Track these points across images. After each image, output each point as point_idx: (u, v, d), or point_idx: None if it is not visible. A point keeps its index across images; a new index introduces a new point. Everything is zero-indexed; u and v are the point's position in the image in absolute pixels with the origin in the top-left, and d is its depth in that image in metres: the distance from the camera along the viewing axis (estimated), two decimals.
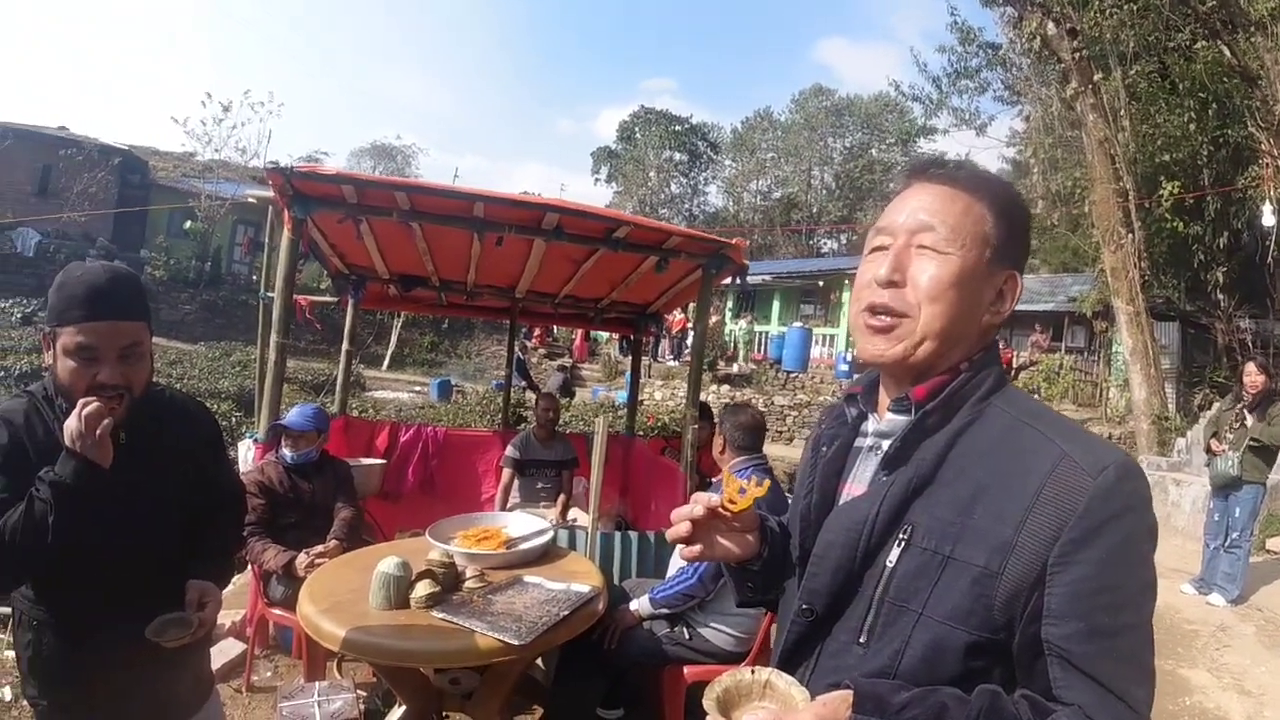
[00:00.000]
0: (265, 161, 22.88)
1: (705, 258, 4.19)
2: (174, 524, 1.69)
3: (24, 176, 19.92)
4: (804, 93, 39.27)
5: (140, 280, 1.64)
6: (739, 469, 3.12)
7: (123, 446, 1.55)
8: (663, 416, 11.49)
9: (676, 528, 1.12)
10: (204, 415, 1.87)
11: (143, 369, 1.58)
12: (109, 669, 1.61)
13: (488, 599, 2.57)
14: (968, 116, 17.77)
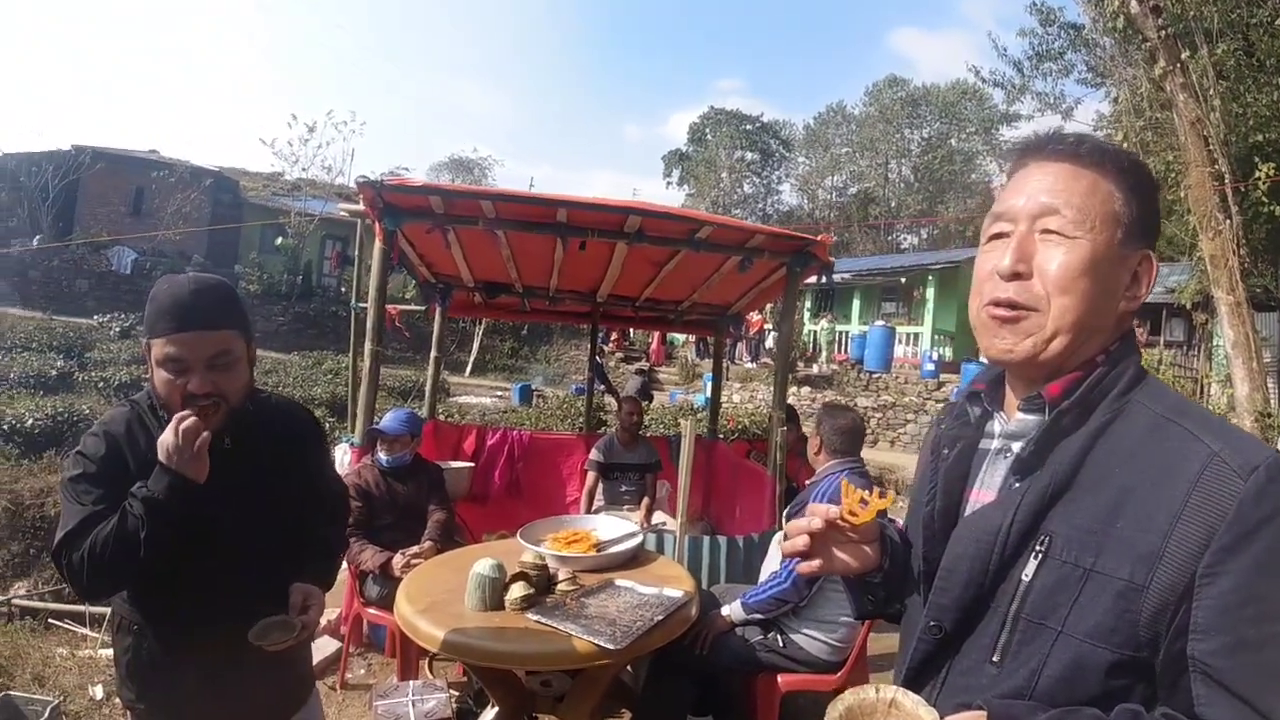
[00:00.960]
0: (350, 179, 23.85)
1: (789, 256, 4.13)
2: (277, 527, 1.68)
3: (118, 198, 21.17)
4: (878, 84, 38.52)
5: (232, 290, 1.64)
6: (834, 472, 3.06)
7: (226, 450, 1.58)
8: (743, 419, 11.36)
9: (793, 541, 1.06)
10: (307, 419, 1.89)
11: (235, 377, 1.57)
12: (208, 672, 1.61)
13: (581, 602, 2.57)
14: (1052, 100, 17.00)
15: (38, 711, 3.94)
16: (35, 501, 9.02)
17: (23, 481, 9.23)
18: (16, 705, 4.04)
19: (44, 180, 19.09)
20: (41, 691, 4.99)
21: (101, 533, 1.47)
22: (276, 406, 1.82)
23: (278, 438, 1.73)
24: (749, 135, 41.52)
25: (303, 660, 1.89)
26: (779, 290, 4.92)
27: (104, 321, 15.44)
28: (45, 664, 5.87)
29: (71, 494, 1.56)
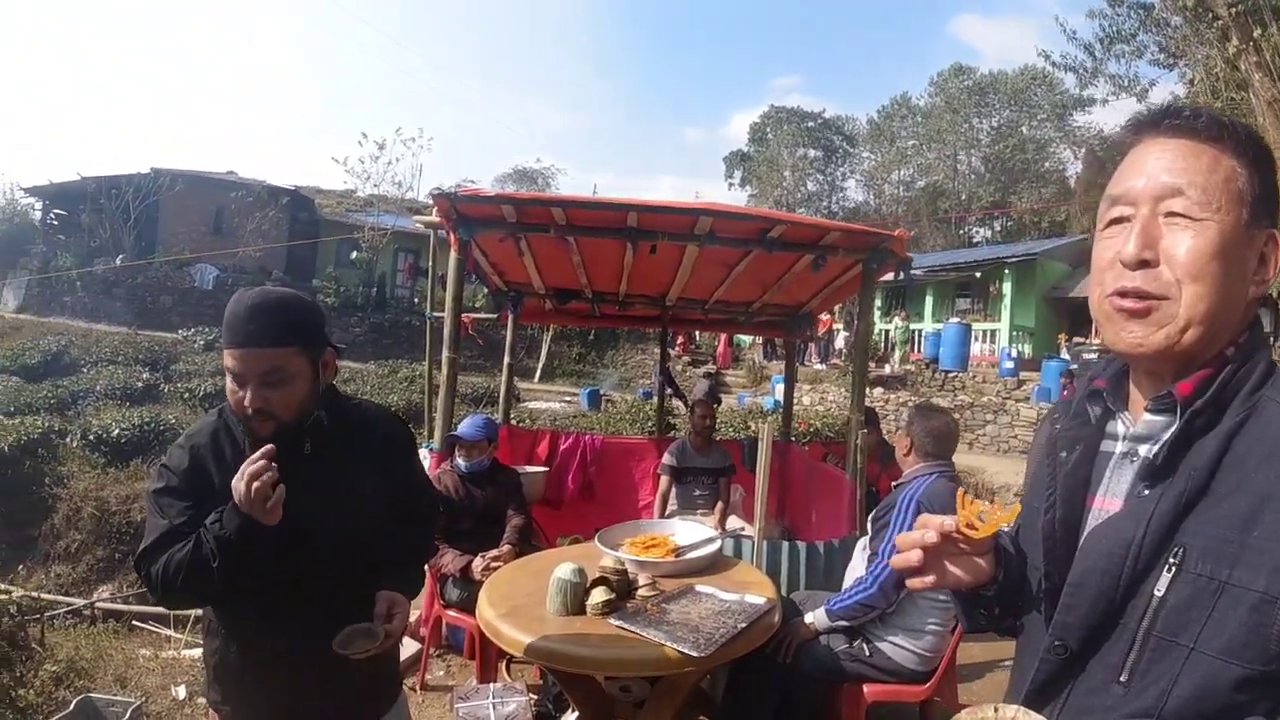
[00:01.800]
0: (419, 193, 24.54)
1: (864, 253, 4.04)
2: (362, 532, 1.69)
3: (199, 218, 22.03)
4: (942, 74, 37.37)
5: (295, 307, 1.62)
6: (922, 475, 2.96)
7: (307, 456, 1.61)
8: (814, 422, 11.17)
9: (905, 556, 1.00)
10: (394, 426, 1.87)
11: (288, 393, 1.57)
12: (294, 675, 1.62)
13: (662, 608, 2.54)
14: (1126, 83, 16.30)
15: (118, 713, 4.07)
16: (121, 508, 9.47)
17: (109, 489, 9.71)
18: (96, 707, 4.18)
19: (125, 202, 20.06)
20: (124, 693, 5.18)
21: (176, 555, 1.52)
22: (363, 413, 1.82)
23: (362, 444, 1.73)
24: (811, 132, 40.94)
25: (390, 660, 1.90)
26: (853, 288, 4.82)
27: (188, 335, 16.18)
28: (128, 665, 6.11)
29: (154, 507, 1.61)
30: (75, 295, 18.60)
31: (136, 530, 9.18)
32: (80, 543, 9.25)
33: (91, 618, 7.72)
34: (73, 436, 10.58)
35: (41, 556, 9.24)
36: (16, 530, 9.43)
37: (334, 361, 1.69)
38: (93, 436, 10.40)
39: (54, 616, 7.21)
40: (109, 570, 9.09)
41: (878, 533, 2.96)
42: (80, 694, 4.56)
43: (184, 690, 5.66)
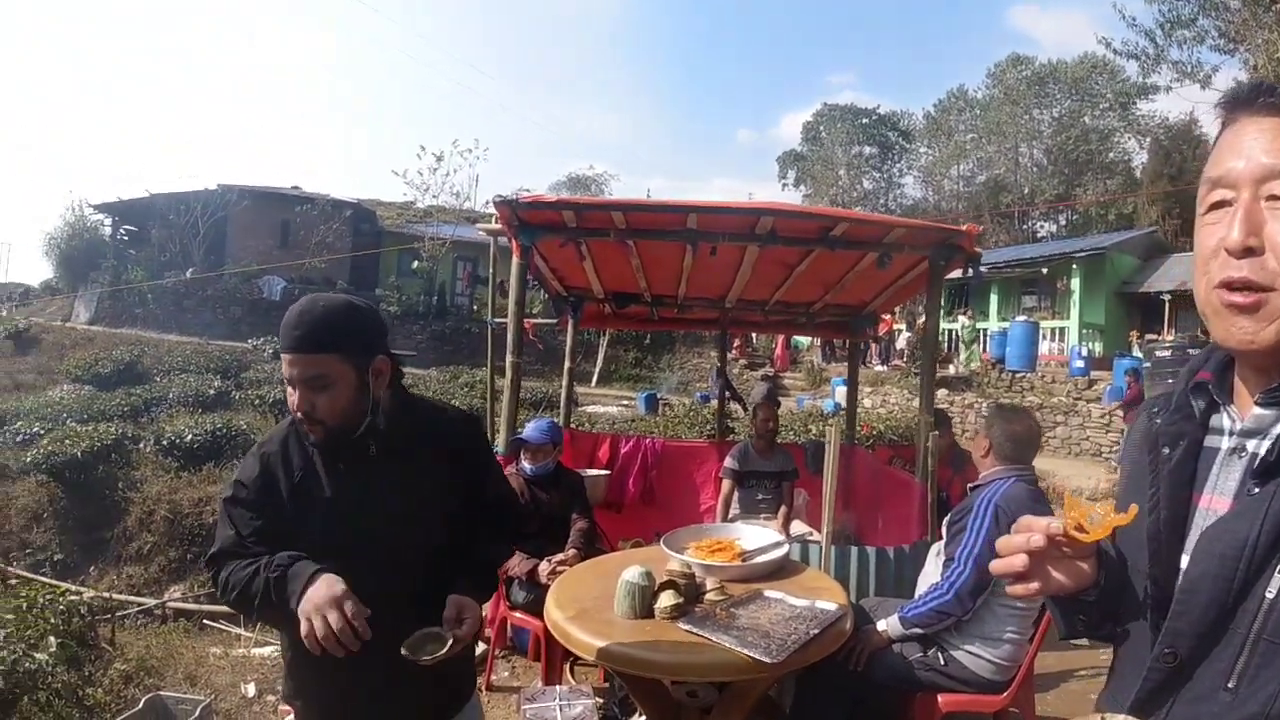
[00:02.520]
0: (476, 203, 24.96)
1: (931, 249, 3.95)
2: (429, 534, 1.69)
3: (266, 231, 22.75)
4: (1000, 65, 36.15)
5: (341, 314, 1.64)
6: (1000, 478, 2.86)
7: (372, 458, 1.64)
8: (877, 425, 10.97)
9: (1009, 560, 0.95)
10: (466, 428, 1.85)
11: (332, 398, 1.59)
12: (365, 673, 1.62)
13: (731, 613, 2.51)
14: (1189, 69, 15.66)
15: (188, 710, 4.16)
16: (193, 511, 9.78)
17: (181, 492, 10.04)
18: (166, 705, 4.28)
19: (193, 217, 20.85)
20: (194, 691, 5.32)
21: (236, 574, 1.59)
22: (437, 416, 1.82)
23: (432, 447, 1.73)
24: (866, 129, 40.27)
25: (463, 659, 1.88)
26: (918, 286, 4.72)
27: (257, 345, 16.70)
28: (199, 663, 6.28)
29: (224, 516, 1.67)
30: (146, 308, 19.36)
31: (208, 532, 9.47)
32: (152, 544, 9.56)
33: (163, 617, 7.97)
34: (146, 442, 10.97)
35: (113, 558, 9.56)
36: (89, 533, 9.79)
37: (387, 369, 1.68)
38: (166, 442, 10.76)
39: (125, 616, 7.41)
40: (180, 571, 9.37)
41: (953, 538, 2.87)
42: (150, 692, 4.70)
43: (254, 688, 5.79)
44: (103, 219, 24.28)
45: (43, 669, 4.51)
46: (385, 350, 1.68)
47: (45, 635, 4.83)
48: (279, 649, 6.66)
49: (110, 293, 19.93)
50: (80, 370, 14.45)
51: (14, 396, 13.44)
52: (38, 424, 11.32)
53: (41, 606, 5.11)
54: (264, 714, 5.46)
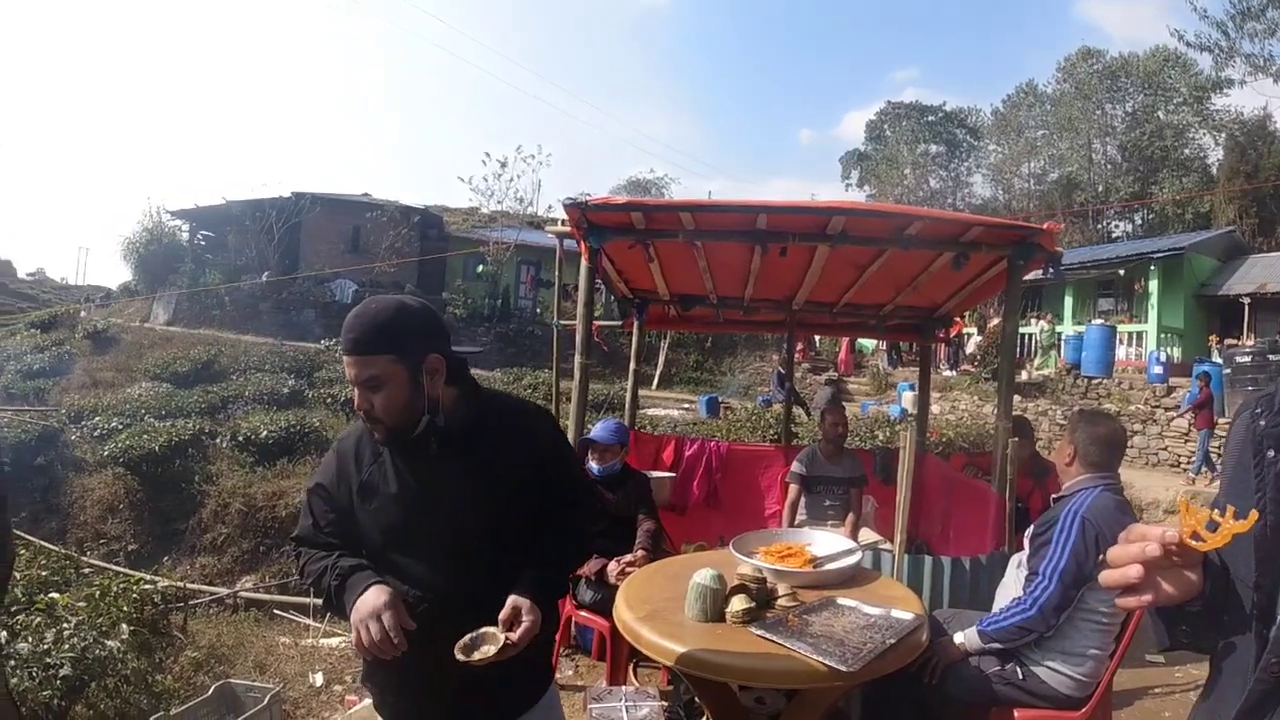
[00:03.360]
0: (539, 208, 25.28)
1: (1010, 248, 3.83)
2: (492, 532, 1.69)
3: (337, 237, 23.45)
4: (1070, 58, 34.66)
5: (392, 316, 1.66)
6: (1087, 488, 2.74)
7: (433, 456, 1.67)
8: (947, 431, 10.69)
9: (1123, 572, 0.90)
10: (534, 420, 1.84)
11: (386, 398, 1.63)
12: (431, 668, 1.63)
13: (804, 619, 2.45)
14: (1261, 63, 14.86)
15: (256, 698, 4.25)
16: (267, 504, 10.08)
17: (256, 486, 10.36)
18: (235, 692, 4.38)
19: (268, 223, 21.56)
20: (262, 679, 5.45)
21: (310, 564, 1.71)
22: (502, 410, 1.81)
23: (496, 441, 1.73)
24: (932, 127, 39.34)
25: (539, 654, 1.86)
26: (995, 288, 4.59)
27: (329, 345, 17.17)
28: (268, 652, 6.44)
29: (305, 504, 1.78)
30: (223, 309, 20.09)
31: (281, 525, 9.79)
32: (226, 536, 9.89)
33: (234, 606, 8.21)
34: (222, 438, 11.39)
35: (188, 549, 9.92)
36: (165, 524, 10.19)
37: (441, 367, 1.69)
38: (241, 438, 11.16)
39: (197, 605, 7.64)
40: (253, 561, 9.66)
41: (1037, 551, 2.76)
42: (220, 679, 4.83)
43: (321, 677, 5.92)
44: (180, 225, 25.32)
45: (113, 656, 4.66)
46: (439, 348, 1.69)
47: (117, 623, 5.00)
48: (348, 639, 6.82)
49: (188, 295, 20.75)
50: (159, 369, 15.06)
51: (93, 393, 14.01)
52: (116, 419, 11.83)
53: (114, 595, 5.30)
54: (330, 703, 5.58)
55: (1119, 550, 0.92)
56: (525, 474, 1.73)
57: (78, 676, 4.37)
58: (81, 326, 18.75)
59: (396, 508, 1.68)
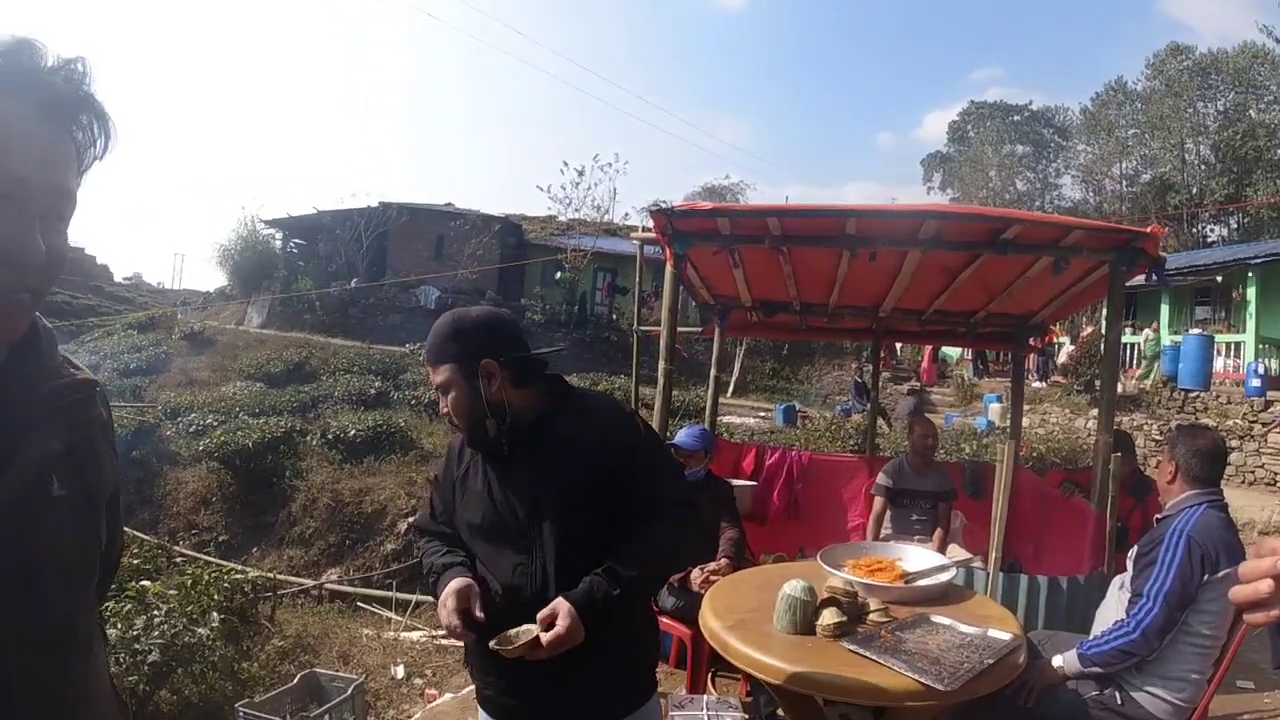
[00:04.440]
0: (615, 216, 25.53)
1: (1112, 253, 3.65)
2: (563, 530, 1.71)
3: (422, 245, 24.20)
4: (1159, 55, 33.02)
5: (455, 327, 1.79)
6: (1191, 505, 2.63)
7: (506, 458, 1.76)
8: (1037, 445, 10.28)
9: (1254, 587, 0.85)
10: (613, 421, 1.81)
11: (454, 402, 1.76)
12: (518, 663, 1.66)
13: (897, 636, 2.38)
14: None
15: (340, 688, 4.34)
16: (353, 500, 10.38)
17: (343, 483, 10.68)
18: (320, 681, 4.48)
19: (357, 232, 22.38)
20: (346, 669, 5.59)
21: (425, 556, 1.88)
22: (583, 410, 1.81)
23: (565, 445, 1.75)
24: (1017, 127, 38.07)
25: (640, 656, 1.88)
26: (1095, 294, 4.41)
27: (414, 349, 17.63)
28: (351, 644, 6.60)
29: (426, 497, 1.99)
30: (314, 314, 20.85)
31: (366, 520, 10.11)
32: (314, 529, 10.20)
33: (319, 597, 8.48)
34: (312, 436, 11.80)
35: (276, 541, 10.25)
36: (256, 517, 10.58)
37: (496, 371, 1.74)
38: (330, 436, 11.55)
39: (284, 595, 7.89)
40: (338, 555, 9.95)
41: (1140, 572, 2.66)
42: (305, 668, 4.96)
43: (402, 670, 6.06)
44: (274, 233, 26.45)
45: (202, 643, 4.84)
46: (497, 353, 1.75)
47: (208, 611, 5.19)
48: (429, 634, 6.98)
49: (281, 300, 21.65)
50: (253, 369, 15.67)
51: (189, 391, 14.64)
52: (211, 416, 12.36)
53: (206, 583, 5.52)
54: (411, 696, 5.70)
55: (1251, 565, 0.87)
56: (594, 476, 1.73)
57: (165, 662, 4.54)
58: (178, 328, 19.56)
59: (478, 504, 1.80)
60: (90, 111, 0.88)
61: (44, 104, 0.83)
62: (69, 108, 0.86)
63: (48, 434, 0.89)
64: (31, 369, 0.90)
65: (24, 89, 0.82)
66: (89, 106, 0.88)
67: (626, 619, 1.74)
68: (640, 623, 1.89)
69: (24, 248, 0.81)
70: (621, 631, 1.73)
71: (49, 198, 0.84)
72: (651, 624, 1.98)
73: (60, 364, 0.96)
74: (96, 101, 0.88)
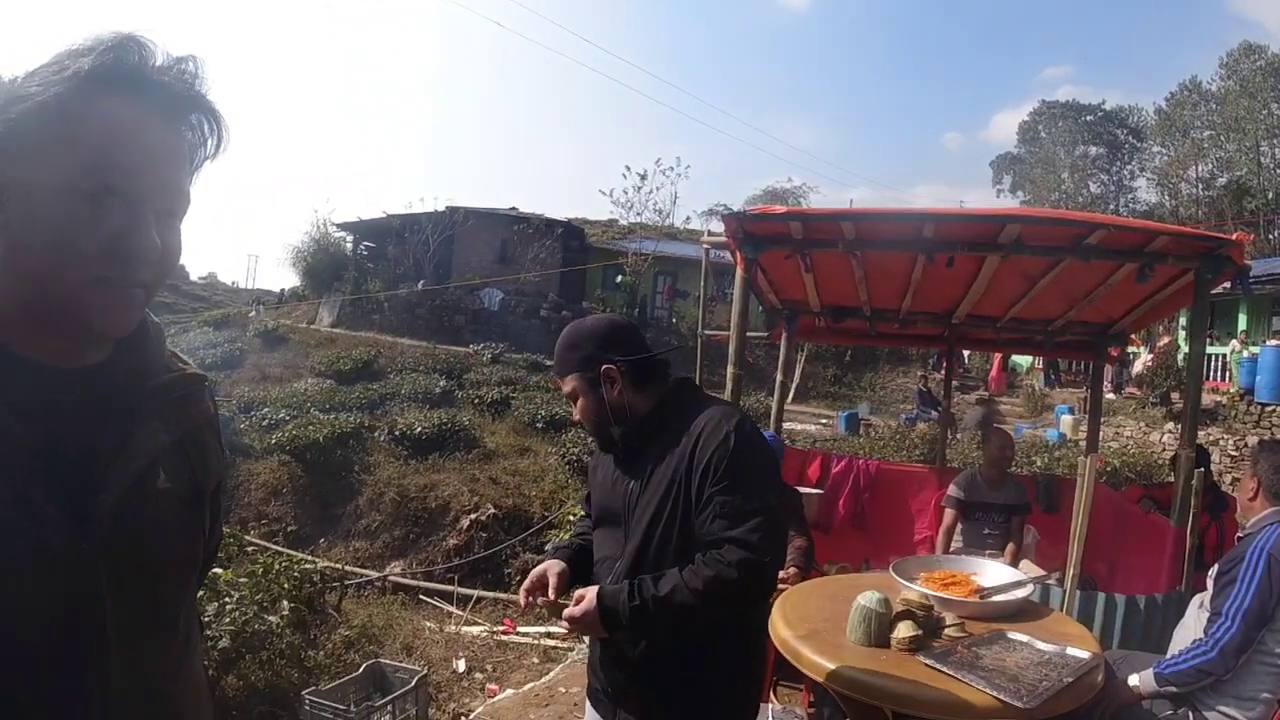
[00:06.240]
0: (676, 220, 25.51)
1: (1197, 260, 3.53)
2: (646, 537, 1.75)
3: (486, 248, 24.58)
4: (1232, 53, 31.58)
5: (570, 337, 1.90)
6: (1272, 521, 2.59)
7: (621, 461, 1.87)
8: (1111, 460, 9.94)
9: None
10: (704, 438, 1.72)
11: (581, 410, 1.87)
12: (608, 644, 1.81)
13: (974, 651, 2.34)
14: None
15: (404, 679, 4.42)
16: (418, 495, 10.61)
17: (409, 478, 10.94)
18: (385, 672, 4.57)
19: (424, 236, 22.82)
20: (409, 660, 5.68)
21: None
22: (690, 420, 1.78)
23: (661, 453, 1.78)
24: (1090, 127, 36.79)
25: (733, 682, 1.84)
26: (1176, 303, 4.26)
27: (478, 350, 17.98)
28: (415, 636, 6.72)
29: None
30: (383, 314, 21.31)
31: (431, 515, 10.35)
32: (380, 523, 10.46)
33: (382, 589, 8.67)
34: (380, 432, 12.11)
35: (343, 533, 10.54)
36: (324, 509, 10.89)
37: (617, 376, 1.82)
38: (398, 433, 11.84)
39: (349, 586, 8.08)
40: (403, 548, 10.18)
41: (1220, 590, 2.62)
42: (369, 658, 5.06)
43: (464, 664, 6.15)
44: (344, 236, 27.14)
45: (272, 630, 4.96)
46: (615, 358, 1.82)
47: (278, 599, 5.32)
48: (488, 629, 7.08)
49: (351, 300, 22.20)
50: (324, 366, 16.12)
51: (262, 387, 15.15)
52: (283, 411, 12.77)
53: (276, 572, 5.66)
54: (471, 690, 5.78)
55: None
56: (672, 489, 1.74)
57: (235, 649, 4.67)
58: (252, 326, 20.29)
59: (598, 493, 1.95)
60: (201, 110, 0.88)
61: (154, 101, 0.83)
62: (179, 106, 0.86)
63: (157, 427, 0.91)
64: (142, 363, 0.92)
65: (133, 86, 0.82)
66: (200, 105, 0.88)
67: (700, 645, 1.74)
68: (721, 657, 1.78)
69: (138, 243, 0.82)
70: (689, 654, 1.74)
71: (162, 194, 0.85)
72: (738, 663, 1.85)
73: (169, 359, 0.97)
74: (207, 100, 0.88)
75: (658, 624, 1.66)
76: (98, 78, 0.80)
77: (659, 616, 1.63)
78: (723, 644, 1.77)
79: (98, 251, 0.80)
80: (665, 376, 1.90)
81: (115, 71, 0.81)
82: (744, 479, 1.67)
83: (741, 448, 1.69)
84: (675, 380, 1.92)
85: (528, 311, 21.60)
